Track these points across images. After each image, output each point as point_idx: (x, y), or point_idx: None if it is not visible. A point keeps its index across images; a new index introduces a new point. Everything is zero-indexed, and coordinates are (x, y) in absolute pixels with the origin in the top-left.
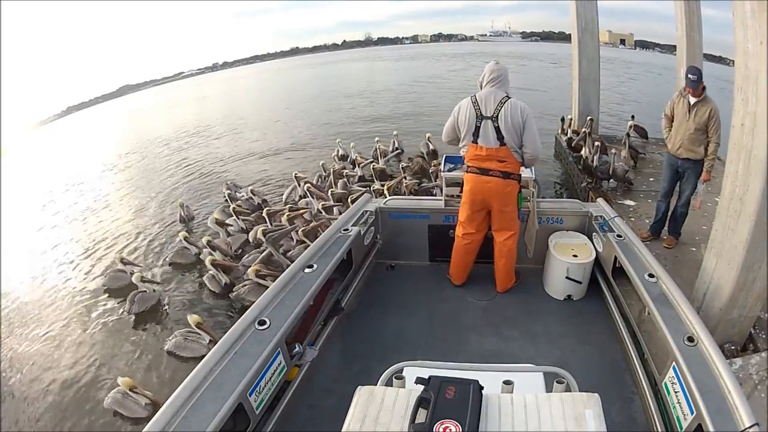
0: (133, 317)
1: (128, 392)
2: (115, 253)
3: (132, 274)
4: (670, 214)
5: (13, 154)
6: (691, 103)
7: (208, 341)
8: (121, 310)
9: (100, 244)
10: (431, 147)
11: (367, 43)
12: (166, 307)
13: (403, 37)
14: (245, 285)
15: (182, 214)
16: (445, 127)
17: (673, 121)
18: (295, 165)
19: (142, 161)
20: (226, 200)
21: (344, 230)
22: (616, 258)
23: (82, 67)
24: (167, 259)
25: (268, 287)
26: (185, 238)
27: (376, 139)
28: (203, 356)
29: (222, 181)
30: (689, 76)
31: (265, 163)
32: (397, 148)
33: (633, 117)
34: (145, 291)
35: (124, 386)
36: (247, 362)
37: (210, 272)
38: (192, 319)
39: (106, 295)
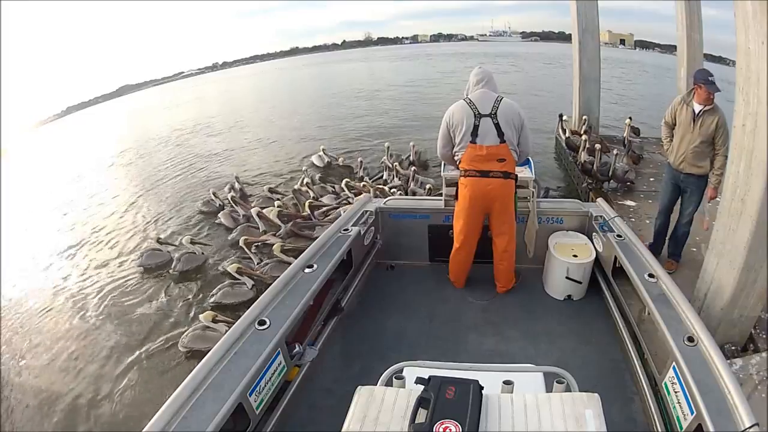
0: (178, 274)
1: (209, 325)
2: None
3: (169, 252)
4: (670, 233)
5: (13, 154)
6: (696, 111)
7: (251, 286)
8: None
9: (123, 233)
10: (414, 156)
11: (367, 43)
12: (210, 269)
13: (403, 37)
14: (268, 263)
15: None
16: (439, 138)
17: (673, 129)
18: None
19: (143, 158)
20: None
21: (344, 230)
22: (616, 258)
23: (81, 67)
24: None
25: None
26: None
27: (359, 159)
28: (249, 300)
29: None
30: (709, 78)
31: (262, 161)
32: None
33: (630, 118)
34: (193, 252)
35: (205, 320)
36: (247, 362)
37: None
38: (232, 267)
39: (143, 271)
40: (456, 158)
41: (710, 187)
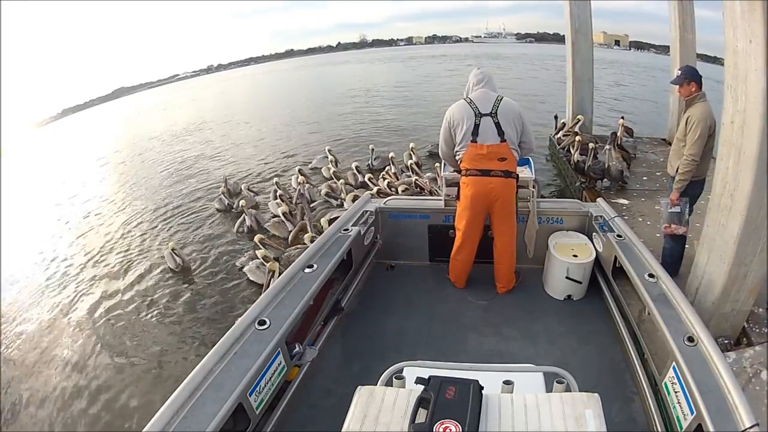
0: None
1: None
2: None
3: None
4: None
5: (12, 155)
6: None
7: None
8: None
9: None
10: (414, 159)
11: (362, 44)
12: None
13: (397, 39)
14: (297, 248)
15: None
16: (441, 138)
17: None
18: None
19: (142, 158)
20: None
21: (344, 230)
22: (616, 258)
23: (77, 69)
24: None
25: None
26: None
27: (354, 164)
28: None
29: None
30: (676, 71)
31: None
32: (372, 163)
33: (623, 117)
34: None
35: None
36: (247, 362)
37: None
38: (260, 252)
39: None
40: (456, 158)
41: (673, 189)
